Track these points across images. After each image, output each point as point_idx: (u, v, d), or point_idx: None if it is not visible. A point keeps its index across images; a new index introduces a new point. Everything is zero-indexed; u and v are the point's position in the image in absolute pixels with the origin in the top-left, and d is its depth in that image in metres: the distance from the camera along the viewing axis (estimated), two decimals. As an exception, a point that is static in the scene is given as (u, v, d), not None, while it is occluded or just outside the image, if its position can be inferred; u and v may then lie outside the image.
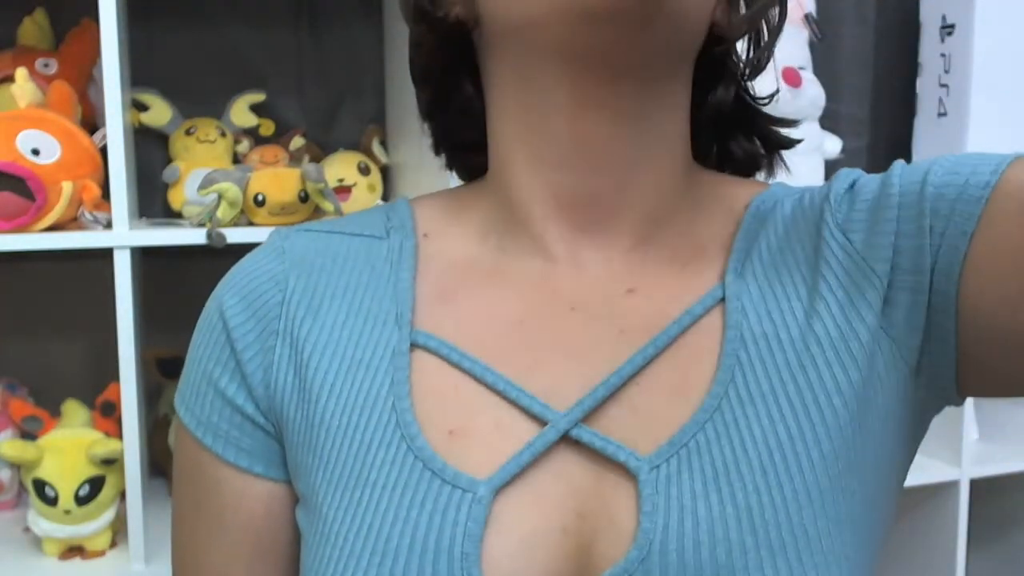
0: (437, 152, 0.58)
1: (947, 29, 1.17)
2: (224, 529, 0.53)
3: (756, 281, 0.49)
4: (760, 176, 0.57)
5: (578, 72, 0.46)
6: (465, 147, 0.56)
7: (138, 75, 1.16)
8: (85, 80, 1.15)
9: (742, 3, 0.51)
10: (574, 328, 0.48)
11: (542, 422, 0.46)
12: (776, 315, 0.48)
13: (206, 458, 0.53)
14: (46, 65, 1.13)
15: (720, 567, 0.43)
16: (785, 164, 0.57)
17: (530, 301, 0.49)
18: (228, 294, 0.52)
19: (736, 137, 0.56)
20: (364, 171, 1.24)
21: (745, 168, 0.56)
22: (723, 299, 0.48)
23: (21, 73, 1.00)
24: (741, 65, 0.53)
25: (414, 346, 0.49)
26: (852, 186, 0.50)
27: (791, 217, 0.51)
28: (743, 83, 0.54)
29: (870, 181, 0.50)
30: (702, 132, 0.54)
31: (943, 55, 1.17)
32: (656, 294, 0.49)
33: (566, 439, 0.46)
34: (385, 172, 1.29)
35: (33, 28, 1.15)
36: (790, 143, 0.57)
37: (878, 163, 1.27)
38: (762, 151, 0.56)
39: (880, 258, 0.47)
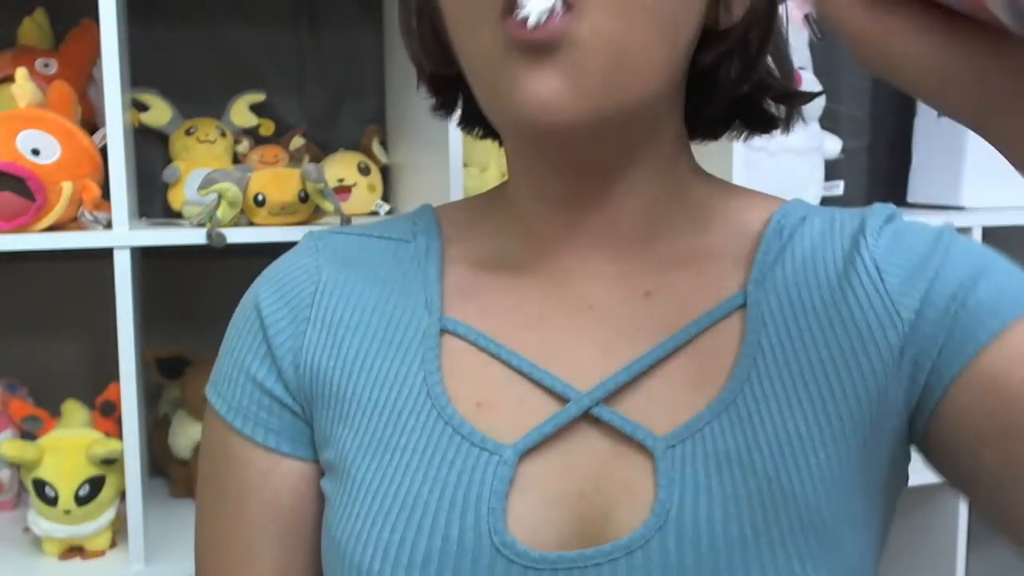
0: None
1: (947, 29, 1.17)
2: (249, 507, 0.55)
3: (777, 293, 0.51)
4: (777, 133, 0.58)
5: (549, 162, 0.51)
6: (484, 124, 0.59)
7: (138, 75, 1.16)
8: (85, 80, 1.15)
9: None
10: (592, 324, 0.51)
11: (564, 400, 0.49)
12: (793, 328, 0.50)
13: (235, 440, 0.55)
14: (46, 65, 1.13)
15: (732, 541, 0.45)
16: (803, 117, 0.58)
17: (549, 300, 0.52)
18: (264, 287, 0.56)
19: (755, 104, 0.56)
20: (364, 171, 1.24)
21: (763, 128, 0.57)
22: (743, 306, 0.51)
23: (21, 73, 1.00)
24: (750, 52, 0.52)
25: (443, 331, 0.52)
26: (889, 220, 0.52)
27: (820, 237, 0.53)
28: (756, 64, 0.53)
29: (918, 233, 0.51)
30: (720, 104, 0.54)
31: (943, 55, 1.17)
32: (673, 297, 0.52)
33: (587, 417, 0.49)
34: (385, 172, 1.29)
35: (33, 28, 1.15)
36: (809, 96, 0.56)
37: (878, 163, 1.27)
38: (780, 114, 0.56)
39: (907, 307, 0.48)
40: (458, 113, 0.59)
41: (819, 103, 1.21)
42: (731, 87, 0.53)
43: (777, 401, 0.48)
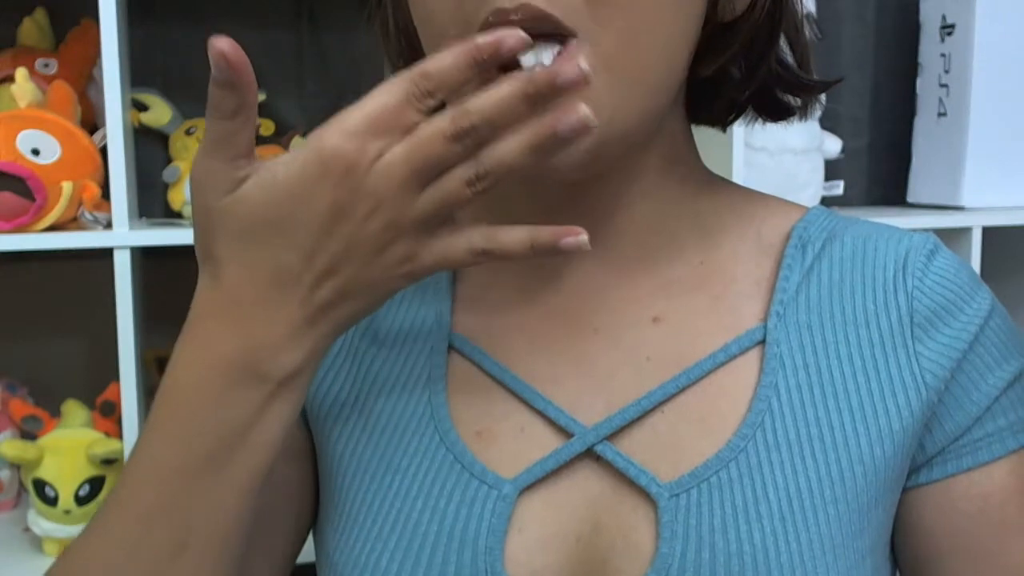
0: None
1: (947, 29, 1.17)
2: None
3: (799, 328, 0.48)
4: (796, 119, 0.55)
5: (545, 187, 0.49)
6: None
7: (138, 75, 1.16)
8: (85, 80, 1.15)
9: None
10: (597, 350, 0.49)
11: (567, 433, 0.47)
12: (813, 370, 0.47)
13: None
14: (46, 65, 1.13)
15: None
16: (821, 102, 0.56)
17: (554, 321, 0.50)
18: None
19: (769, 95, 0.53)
20: (364, 171, 1.24)
21: (776, 117, 0.54)
22: (762, 341, 0.48)
23: (21, 73, 1.00)
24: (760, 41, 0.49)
25: (450, 348, 0.51)
26: (932, 257, 0.49)
27: (850, 263, 0.49)
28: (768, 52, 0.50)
29: (959, 291, 0.49)
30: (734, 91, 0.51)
31: (943, 55, 1.17)
32: (685, 326, 0.49)
33: (589, 453, 0.47)
34: (385, 172, 1.29)
35: (33, 28, 1.15)
36: (824, 85, 0.53)
37: (878, 163, 1.27)
38: (796, 102, 0.54)
39: (935, 375, 0.47)
40: None
41: (819, 103, 1.21)
42: (735, 88, 0.50)
43: (790, 450, 0.46)
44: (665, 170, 0.50)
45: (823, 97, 1.15)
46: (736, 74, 0.50)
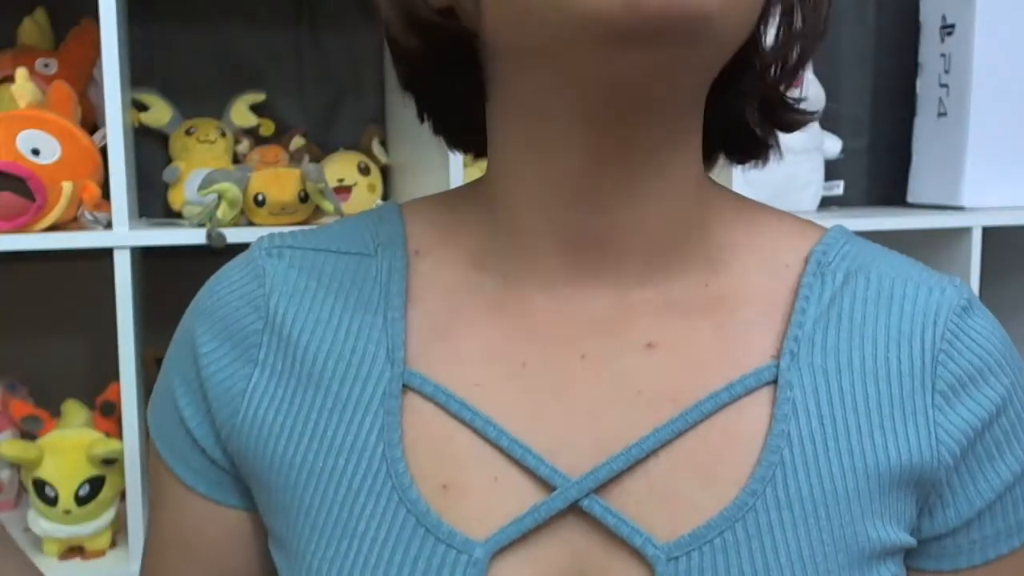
0: (436, 133, 0.53)
1: (947, 29, 1.17)
2: (190, 552, 0.50)
3: (813, 372, 0.43)
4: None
5: (598, 110, 0.40)
6: (465, 135, 0.51)
7: (138, 75, 1.16)
8: (85, 80, 1.15)
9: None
10: (583, 379, 0.43)
11: (547, 484, 0.42)
12: (828, 421, 0.42)
13: (167, 475, 0.50)
14: (46, 65, 1.13)
15: None
16: (779, 147, 0.50)
17: (534, 343, 0.44)
18: (200, 321, 0.48)
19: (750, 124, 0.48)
20: (364, 171, 1.24)
21: (750, 156, 0.50)
22: (772, 381, 0.43)
23: (21, 73, 1.00)
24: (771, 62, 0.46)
25: (406, 388, 0.44)
26: (964, 315, 0.45)
27: (874, 307, 0.45)
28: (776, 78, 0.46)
29: (989, 363, 0.44)
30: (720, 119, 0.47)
31: (943, 55, 1.17)
32: (683, 356, 0.44)
33: (574, 508, 0.41)
34: (385, 172, 1.29)
35: (33, 28, 1.15)
36: (804, 119, 0.49)
37: (878, 163, 1.27)
38: (769, 141, 0.49)
39: (950, 446, 0.44)
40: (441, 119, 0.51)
41: (819, 103, 1.21)
42: (758, 81, 0.46)
43: (803, 508, 0.41)
44: (688, 172, 0.44)
45: (823, 98, 1.16)
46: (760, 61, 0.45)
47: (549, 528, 0.41)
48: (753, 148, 0.49)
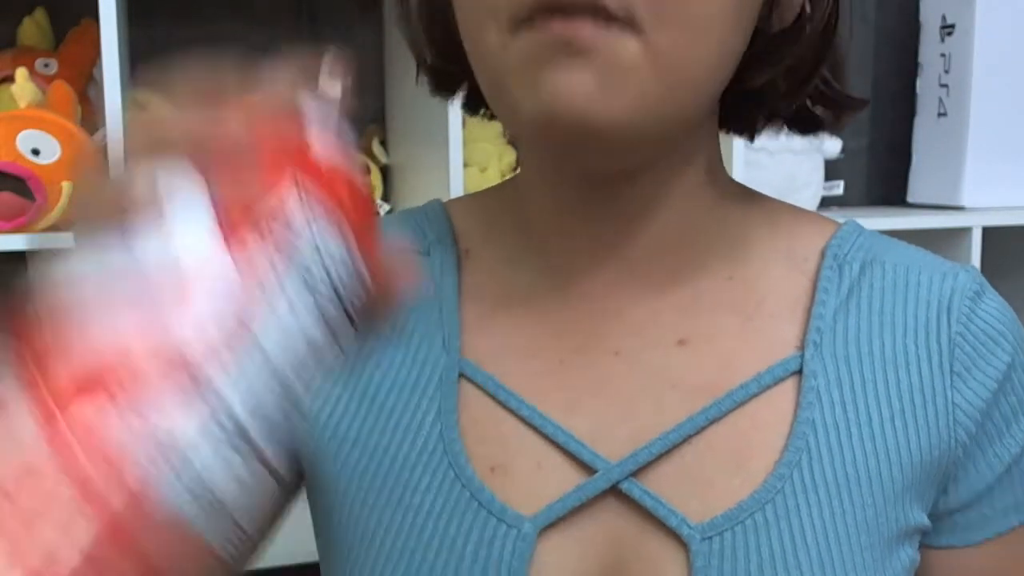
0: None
1: (947, 29, 1.17)
2: None
3: (836, 361, 0.46)
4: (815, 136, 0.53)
5: (583, 181, 0.46)
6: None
7: (138, 75, 1.16)
8: (85, 80, 1.15)
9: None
10: (618, 374, 0.46)
11: (588, 468, 0.44)
12: (851, 408, 0.45)
13: None
14: (46, 65, 1.13)
15: None
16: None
17: (571, 341, 0.47)
18: None
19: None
20: (364, 171, 1.24)
21: (807, 130, 0.52)
22: (797, 371, 0.46)
23: (21, 73, 1.00)
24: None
25: (460, 375, 0.48)
26: (977, 299, 0.47)
27: (892, 294, 0.47)
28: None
29: (1005, 343, 0.47)
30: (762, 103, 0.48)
31: (943, 55, 1.17)
32: (713, 350, 0.46)
33: (613, 489, 0.44)
34: (385, 172, 1.29)
35: (33, 28, 1.15)
36: (862, 103, 0.52)
37: (878, 163, 1.27)
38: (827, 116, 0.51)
39: (965, 428, 0.46)
40: (461, 95, 0.53)
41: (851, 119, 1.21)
42: (777, 100, 0.48)
43: (827, 492, 0.43)
44: (696, 176, 0.47)
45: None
46: (782, 87, 0.47)
47: (590, 508, 0.44)
48: (805, 124, 0.51)
